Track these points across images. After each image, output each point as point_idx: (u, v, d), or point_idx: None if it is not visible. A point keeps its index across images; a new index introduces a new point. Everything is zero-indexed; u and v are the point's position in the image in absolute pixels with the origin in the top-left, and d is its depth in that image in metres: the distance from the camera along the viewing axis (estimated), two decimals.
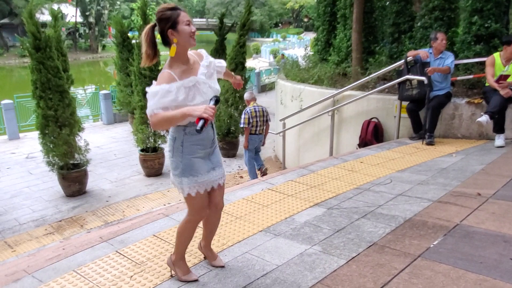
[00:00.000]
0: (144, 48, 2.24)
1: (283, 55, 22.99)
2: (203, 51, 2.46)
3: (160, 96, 2.14)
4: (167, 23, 2.19)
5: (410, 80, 5.69)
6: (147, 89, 2.21)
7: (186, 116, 2.11)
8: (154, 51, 2.26)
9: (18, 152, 9.85)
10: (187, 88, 2.21)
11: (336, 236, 3.08)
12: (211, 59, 2.46)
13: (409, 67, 5.74)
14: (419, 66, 5.63)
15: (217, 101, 2.21)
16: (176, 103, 2.16)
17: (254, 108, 6.66)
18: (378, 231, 3.14)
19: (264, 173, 6.94)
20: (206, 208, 2.43)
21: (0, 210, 6.54)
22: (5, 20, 38.20)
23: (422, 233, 3.07)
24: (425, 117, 5.66)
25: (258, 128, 6.73)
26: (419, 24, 6.92)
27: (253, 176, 7.04)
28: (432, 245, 2.87)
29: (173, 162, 2.34)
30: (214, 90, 2.34)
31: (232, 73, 2.80)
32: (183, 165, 2.31)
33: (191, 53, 2.37)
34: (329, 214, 3.51)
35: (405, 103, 5.92)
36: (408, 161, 5.00)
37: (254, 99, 6.89)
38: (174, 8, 2.21)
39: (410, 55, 5.77)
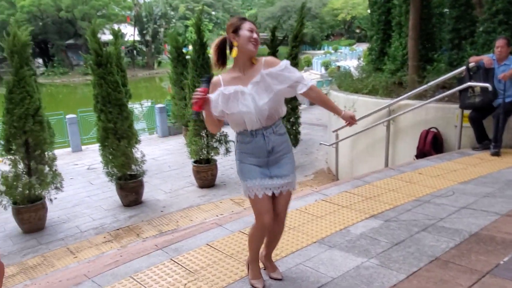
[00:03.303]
0: (212, 56, 2.43)
1: (338, 67, 22.69)
2: (284, 61, 2.36)
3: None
4: (231, 28, 2.33)
5: (472, 88, 5.38)
6: None
7: (206, 113, 2.36)
8: (221, 59, 2.40)
9: (80, 164, 10.38)
10: (226, 95, 2.28)
11: (394, 250, 2.93)
12: (285, 71, 2.32)
13: (471, 73, 5.44)
14: (482, 72, 5.31)
15: (208, 81, 2.29)
16: (217, 111, 2.31)
17: None
18: (440, 245, 2.96)
19: None
20: (267, 214, 2.37)
21: (63, 218, 6.88)
22: (71, 41, 40.99)
23: (490, 248, 2.85)
24: (495, 125, 5.27)
25: None
26: (481, 29, 6.57)
27: None
28: (502, 262, 2.65)
29: None
30: (256, 106, 2.28)
31: (338, 108, 2.53)
32: (237, 168, 2.45)
33: (264, 59, 2.38)
34: (387, 226, 3.36)
35: (467, 112, 5.61)
36: (471, 173, 4.71)
37: None
38: (242, 18, 2.37)
39: (473, 61, 5.47)
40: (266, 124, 2.35)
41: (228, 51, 2.38)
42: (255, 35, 2.31)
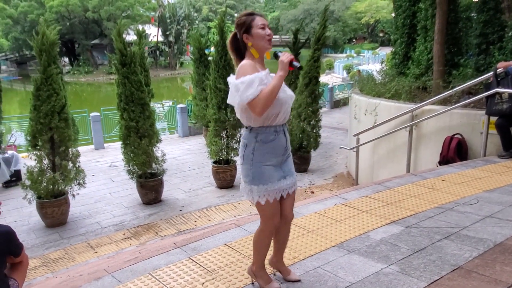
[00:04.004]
0: (231, 55, 2.38)
1: (359, 71, 22.41)
2: None
3: (258, 83, 2.15)
4: (242, 27, 2.27)
5: (500, 94, 5.25)
6: (237, 79, 2.19)
7: (282, 77, 2.16)
8: (239, 56, 2.34)
9: (103, 161, 10.56)
10: (271, 77, 2.24)
11: (415, 257, 2.88)
12: None
13: (499, 79, 5.31)
14: (511, 78, 5.18)
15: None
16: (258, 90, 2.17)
17: None
18: (463, 254, 2.89)
19: None
20: (277, 215, 2.37)
21: (85, 214, 7.01)
22: (96, 41, 41.82)
23: None
24: None
25: None
26: (510, 34, 6.41)
27: None
28: None
29: (244, 170, 2.35)
30: (289, 94, 2.35)
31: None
32: (252, 173, 2.31)
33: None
34: (408, 233, 3.30)
35: (493, 118, 5.47)
36: (497, 181, 4.58)
37: None
38: (249, 14, 2.29)
39: (501, 66, 5.33)
40: (286, 121, 2.37)
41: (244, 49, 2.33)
42: (268, 31, 2.26)
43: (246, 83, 2.15)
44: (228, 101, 2.28)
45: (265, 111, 2.17)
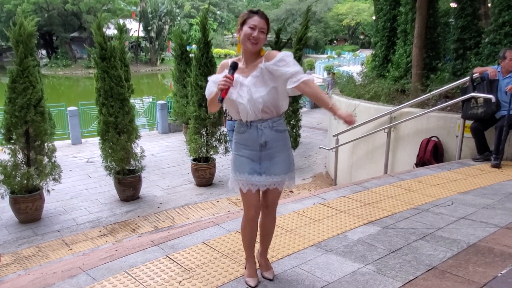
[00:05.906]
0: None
1: (333, 73, 22.42)
2: (280, 54, 2.30)
3: (210, 85, 2.41)
4: (240, 20, 2.35)
5: (475, 98, 5.38)
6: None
7: (213, 95, 2.35)
8: None
9: (80, 156, 10.36)
10: None
11: (391, 257, 2.92)
12: (280, 64, 2.26)
13: (475, 84, 5.44)
14: (486, 83, 5.31)
15: (234, 68, 2.29)
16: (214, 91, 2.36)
17: None
18: (438, 254, 2.94)
19: None
20: (253, 208, 2.43)
21: (60, 210, 6.86)
22: (75, 34, 40.94)
23: (488, 260, 2.83)
24: (498, 137, 5.25)
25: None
26: (487, 40, 6.58)
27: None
28: (499, 274, 2.64)
29: None
30: (251, 98, 2.28)
31: (332, 104, 2.26)
32: (232, 160, 2.47)
33: (266, 53, 2.35)
34: (384, 233, 3.35)
35: (469, 122, 5.60)
36: (471, 183, 4.70)
37: None
38: (252, 12, 2.34)
39: (477, 71, 5.47)
40: (262, 117, 2.34)
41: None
42: (255, 34, 2.26)
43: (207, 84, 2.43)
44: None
45: (211, 110, 2.49)
